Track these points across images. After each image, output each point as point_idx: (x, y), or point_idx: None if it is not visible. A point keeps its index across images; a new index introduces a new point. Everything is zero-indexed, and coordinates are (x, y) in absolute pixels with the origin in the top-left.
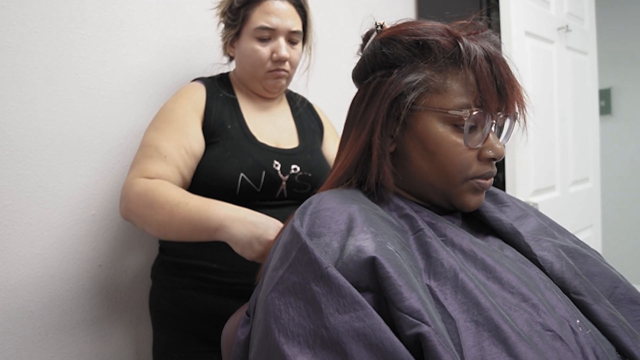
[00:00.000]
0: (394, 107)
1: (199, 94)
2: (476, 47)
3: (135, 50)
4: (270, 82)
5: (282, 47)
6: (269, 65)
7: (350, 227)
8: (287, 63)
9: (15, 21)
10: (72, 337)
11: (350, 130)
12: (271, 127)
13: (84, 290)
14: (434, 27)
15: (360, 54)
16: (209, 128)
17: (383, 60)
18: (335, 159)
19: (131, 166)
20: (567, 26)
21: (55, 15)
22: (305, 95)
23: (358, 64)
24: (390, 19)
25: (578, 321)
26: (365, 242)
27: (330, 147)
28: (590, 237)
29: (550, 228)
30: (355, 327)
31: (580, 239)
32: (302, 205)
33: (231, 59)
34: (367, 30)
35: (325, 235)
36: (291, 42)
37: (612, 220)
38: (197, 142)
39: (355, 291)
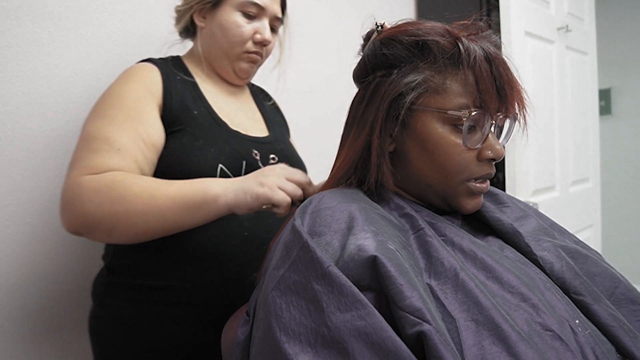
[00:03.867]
0: (393, 107)
1: (152, 75)
2: (476, 48)
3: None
4: (244, 64)
5: (267, 29)
6: (249, 45)
7: (351, 225)
8: (265, 48)
9: (15, 21)
10: (72, 337)
11: (350, 130)
12: (239, 114)
13: (84, 290)
14: (433, 27)
15: (361, 53)
16: (170, 114)
17: (383, 60)
18: (335, 158)
19: (70, 164)
20: (567, 26)
21: (56, 15)
22: (305, 97)
23: (358, 63)
24: (389, 19)
25: (578, 321)
26: (366, 241)
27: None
28: (590, 237)
29: (551, 229)
30: (356, 326)
31: (580, 239)
32: (302, 205)
33: (187, 34)
34: (368, 30)
35: (326, 234)
36: (272, 28)
37: (612, 220)
38: (156, 131)
39: (356, 290)
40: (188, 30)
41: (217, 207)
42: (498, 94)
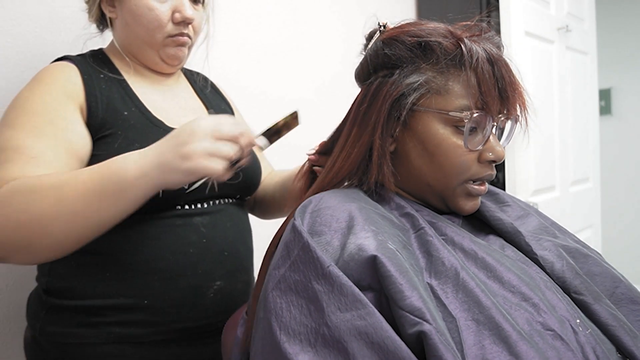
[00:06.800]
0: (394, 108)
1: (71, 75)
2: (478, 49)
3: None
4: (171, 50)
5: (186, 5)
6: (169, 28)
7: (351, 225)
8: (191, 27)
9: (15, 21)
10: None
11: (350, 130)
12: (176, 108)
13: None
14: (436, 28)
15: (363, 53)
16: (96, 118)
17: (385, 60)
18: (335, 158)
19: None
20: (567, 26)
21: (56, 16)
22: (308, 99)
23: (360, 63)
24: (390, 19)
25: (578, 321)
26: (366, 241)
27: None
28: (590, 237)
29: (552, 228)
30: (356, 326)
31: (580, 239)
32: (302, 205)
33: (104, 26)
34: (370, 30)
35: (326, 234)
36: (193, 0)
37: (612, 220)
38: (79, 139)
39: (356, 290)
40: (102, 21)
41: (138, 190)
42: (500, 95)
